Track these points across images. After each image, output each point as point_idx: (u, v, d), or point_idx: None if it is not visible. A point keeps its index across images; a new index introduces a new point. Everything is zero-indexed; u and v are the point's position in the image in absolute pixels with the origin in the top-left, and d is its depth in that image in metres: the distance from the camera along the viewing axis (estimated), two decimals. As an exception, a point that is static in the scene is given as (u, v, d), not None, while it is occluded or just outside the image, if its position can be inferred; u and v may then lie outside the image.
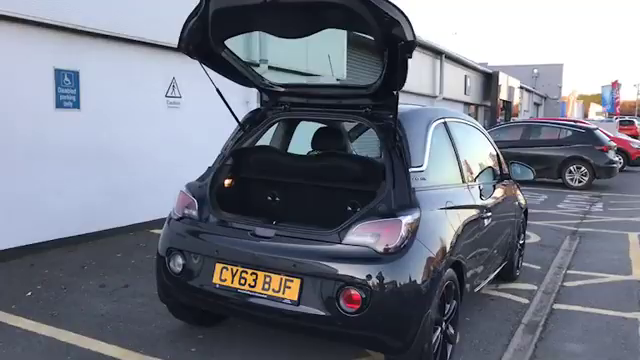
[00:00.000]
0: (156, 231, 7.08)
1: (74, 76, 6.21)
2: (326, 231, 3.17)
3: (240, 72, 3.85)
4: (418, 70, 15.90)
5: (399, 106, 3.35)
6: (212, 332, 4.04)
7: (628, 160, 18.44)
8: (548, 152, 13.60)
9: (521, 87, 32.28)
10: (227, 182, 3.93)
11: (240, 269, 3.29)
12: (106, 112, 6.60)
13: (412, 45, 2.94)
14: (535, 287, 5.54)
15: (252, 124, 4.04)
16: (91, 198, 6.46)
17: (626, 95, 48.75)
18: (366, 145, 10.70)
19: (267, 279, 3.21)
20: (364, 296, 2.98)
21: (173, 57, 7.38)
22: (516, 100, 30.97)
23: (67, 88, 6.14)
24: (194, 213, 3.60)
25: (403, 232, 3.05)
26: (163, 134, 7.37)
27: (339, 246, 3.10)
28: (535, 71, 45.47)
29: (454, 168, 3.96)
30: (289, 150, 4.53)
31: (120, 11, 6.57)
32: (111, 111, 6.66)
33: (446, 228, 3.43)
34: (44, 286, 4.90)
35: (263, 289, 3.21)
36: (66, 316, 4.26)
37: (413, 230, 3.10)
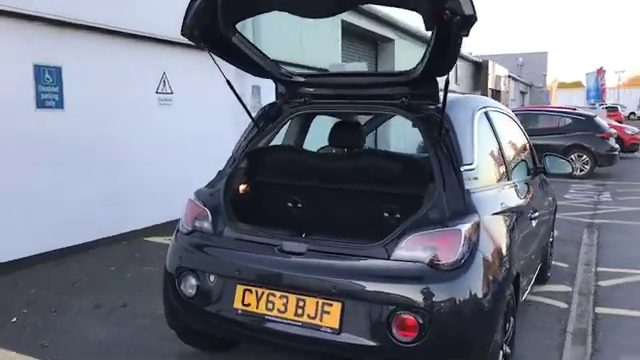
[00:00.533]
0: (150, 239, 6.56)
1: (56, 72, 5.62)
2: (370, 245, 2.67)
3: (253, 60, 3.33)
4: (409, 60, 15.43)
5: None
6: (228, 358, 3.55)
7: (622, 146, 18.18)
8: (548, 141, 13.18)
9: (509, 76, 32.08)
10: (242, 188, 3.42)
11: (267, 292, 2.79)
12: (92, 111, 6.02)
13: (471, 21, 2.44)
14: (569, 288, 5.12)
15: (267, 120, 3.52)
16: (79, 206, 5.89)
17: (607, 82, 48.71)
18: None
19: (300, 303, 2.71)
20: (421, 322, 2.50)
21: (163, 50, 6.85)
22: (503, 89, 30.74)
23: (49, 86, 5.55)
24: (207, 225, 3.08)
25: (463, 243, 2.57)
26: (154, 133, 6.80)
27: (387, 262, 2.61)
28: (520, 59, 45.35)
29: (501, 164, 3.51)
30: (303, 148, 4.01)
31: (106, 0, 5.99)
32: (98, 110, 6.08)
33: (504, 235, 2.97)
34: (31, 309, 4.34)
35: (296, 315, 2.71)
36: (58, 346, 3.72)
37: (474, 240, 2.62)
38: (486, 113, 3.55)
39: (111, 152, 6.24)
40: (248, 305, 2.82)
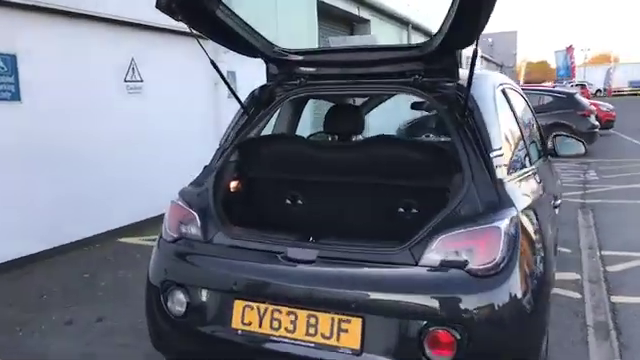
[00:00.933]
0: (124, 240, 6.07)
1: (10, 61, 5.04)
2: (393, 249, 2.27)
3: (241, 36, 2.86)
4: (386, 41, 15.04)
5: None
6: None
7: (599, 123, 18.17)
8: (528, 120, 13.03)
9: (482, 56, 32.01)
10: (233, 185, 2.97)
11: (271, 307, 2.37)
12: (53, 103, 5.46)
13: None
14: (578, 276, 4.84)
15: (258, 106, 3.08)
16: (43, 208, 5.35)
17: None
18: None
19: (312, 320, 2.30)
20: (459, 338, 2.11)
21: (131, 34, 6.29)
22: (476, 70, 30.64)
23: (2, 76, 4.98)
24: (195, 231, 2.63)
25: (503, 243, 2.19)
26: (124, 126, 6.26)
27: (415, 269, 2.21)
28: (490, 40, 45.46)
29: (523, 148, 3.15)
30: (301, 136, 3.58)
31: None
32: (60, 102, 5.52)
33: (540, 228, 2.62)
34: (-7, 329, 3.85)
35: (307, 334, 2.30)
36: (25, 372, 3.26)
37: (514, 238, 2.24)
38: (503, 90, 3.18)
39: (76, 147, 5.68)
40: (249, 324, 2.39)
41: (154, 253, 2.77)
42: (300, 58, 3.03)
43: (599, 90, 52.25)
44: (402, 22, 16.23)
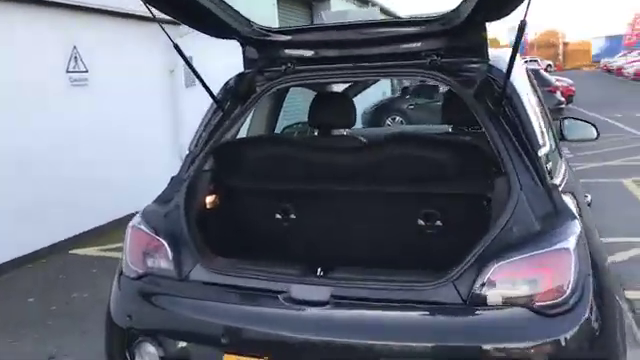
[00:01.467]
0: (76, 251, 5.39)
1: None
2: (429, 282, 1.75)
3: (211, 12, 2.25)
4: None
5: None
6: None
7: (560, 99, 18.21)
8: (495, 99, 12.80)
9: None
10: (209, 200, 2.38)
11: (273, 364, 1.82)
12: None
13: None
14: (583, 269, 4.47)
15: (234, 100, 2.49)
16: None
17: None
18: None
19: (327, 380, 1.77)
20: None
21: (71, 19, 5.52)
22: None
23: None
24: (165, 265, 2.05)
25: (575, 268, 1.70)
26: (68, 123, 5.50)
27: (464, 310, 1.71)
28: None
29: (553, 141, 2.70)
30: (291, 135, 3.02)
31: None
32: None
33: (597, 238, 2.17)
34: None
35: (321, 397, 1.77)
36: None
37: (585, 260, 1.77)
38: (527, 71, 2.71)
39: (11, 151, 4.91)
40: (244, 386, 1.84)
41: (114, 293, 2.17)
42: (286, 38, 2.44)
43: (549, 65, 53.35)
44: (362, 0, 15.67)
